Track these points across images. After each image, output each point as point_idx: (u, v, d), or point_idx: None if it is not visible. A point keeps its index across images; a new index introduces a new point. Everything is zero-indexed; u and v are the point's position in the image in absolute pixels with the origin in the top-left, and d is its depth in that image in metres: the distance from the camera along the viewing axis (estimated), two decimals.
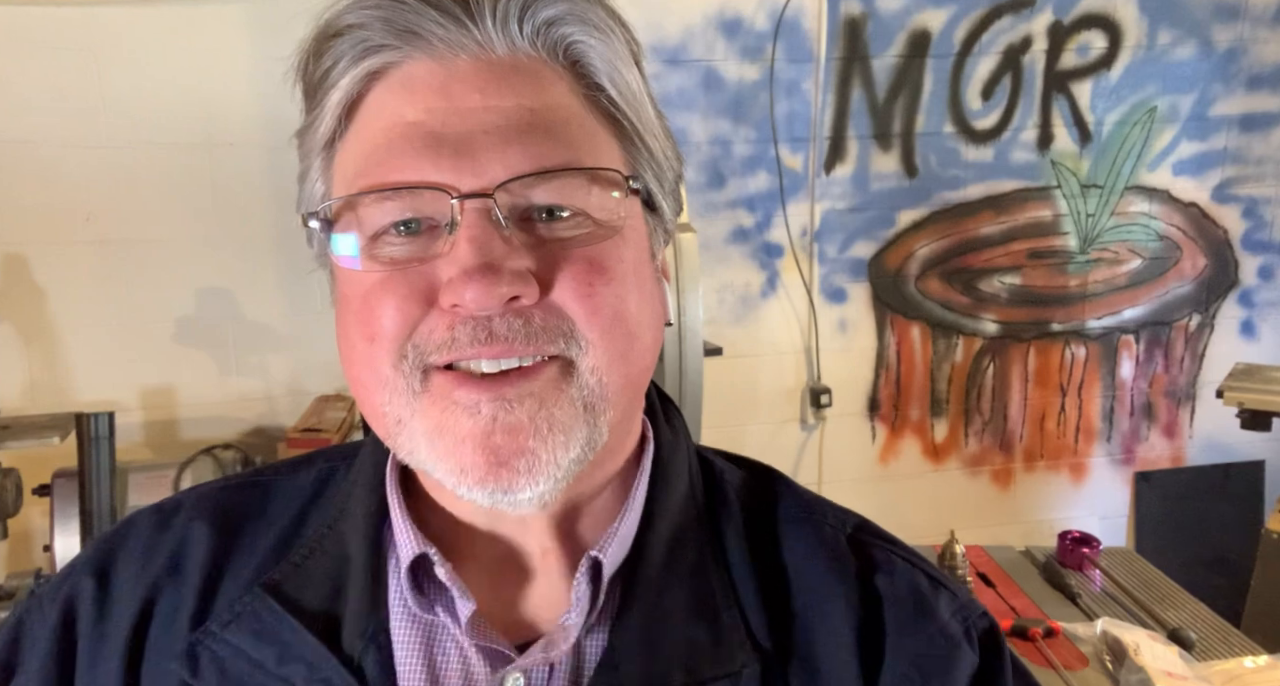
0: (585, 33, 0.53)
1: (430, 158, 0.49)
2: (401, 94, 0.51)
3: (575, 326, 0.50)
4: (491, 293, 0.48)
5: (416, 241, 0.50)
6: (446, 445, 0.50)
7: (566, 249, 0.50)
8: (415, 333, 0.50)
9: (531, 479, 0.50)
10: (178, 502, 0.63)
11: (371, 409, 0.53)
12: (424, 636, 0.56)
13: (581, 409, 0.51)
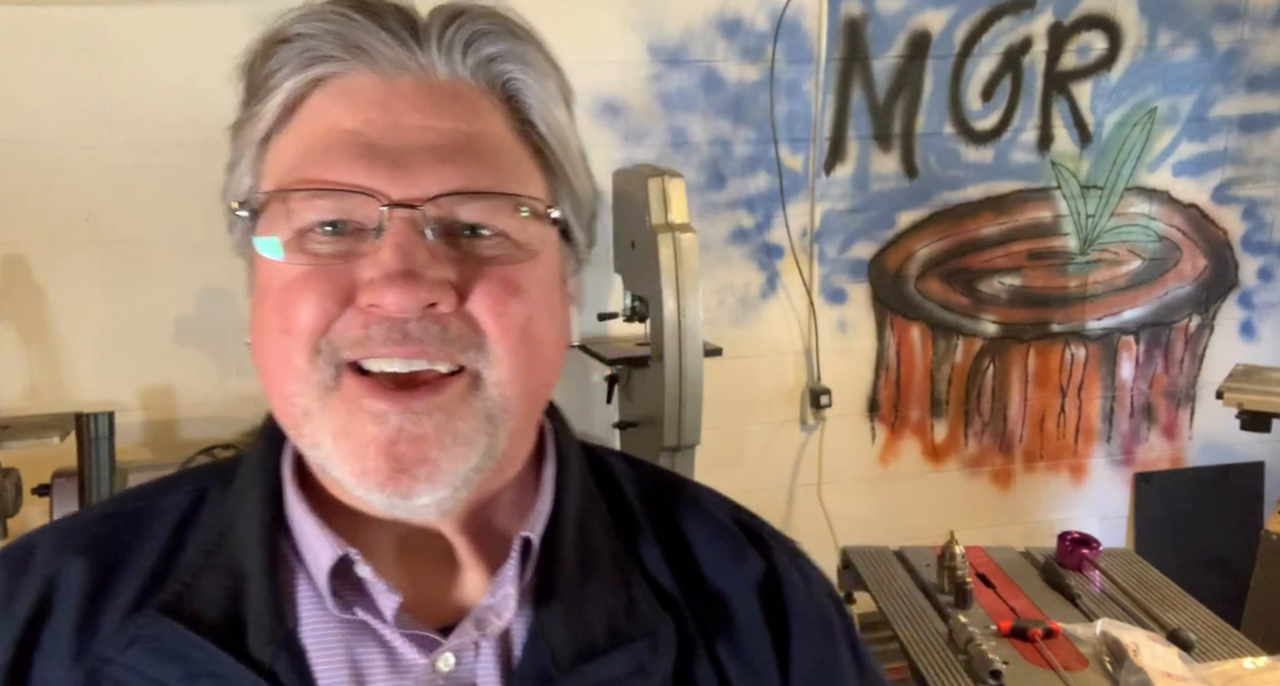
0: (523, 71, 0.57)
1: (365, 165, 0.52)
2: (342, 102, 0.53)
3: (486, 339, 0.53)
4: (411, 297, 0.50)
5: (342, 241, 0.53)
6: (351, 447, 0.52)
7: (485, 266, 0.53)
8: (331, 329, 0.52)
9: (430, 486, 0.52)
10: (29, 544, 0.60)
11: (280, 397, 0.54)
12: (342, 637, 0.57)
13: (484, 421, 0.53)
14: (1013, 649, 1.61)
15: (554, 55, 0.60)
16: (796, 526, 2.83)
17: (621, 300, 2.26)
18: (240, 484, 0.61)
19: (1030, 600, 1.81)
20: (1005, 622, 1.67)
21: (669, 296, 2.04)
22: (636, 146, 2.49)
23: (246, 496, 0.60)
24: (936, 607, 1.80)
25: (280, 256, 0.53)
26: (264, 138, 0.56)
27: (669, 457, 2.15)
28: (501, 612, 0.57)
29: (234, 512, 0.60)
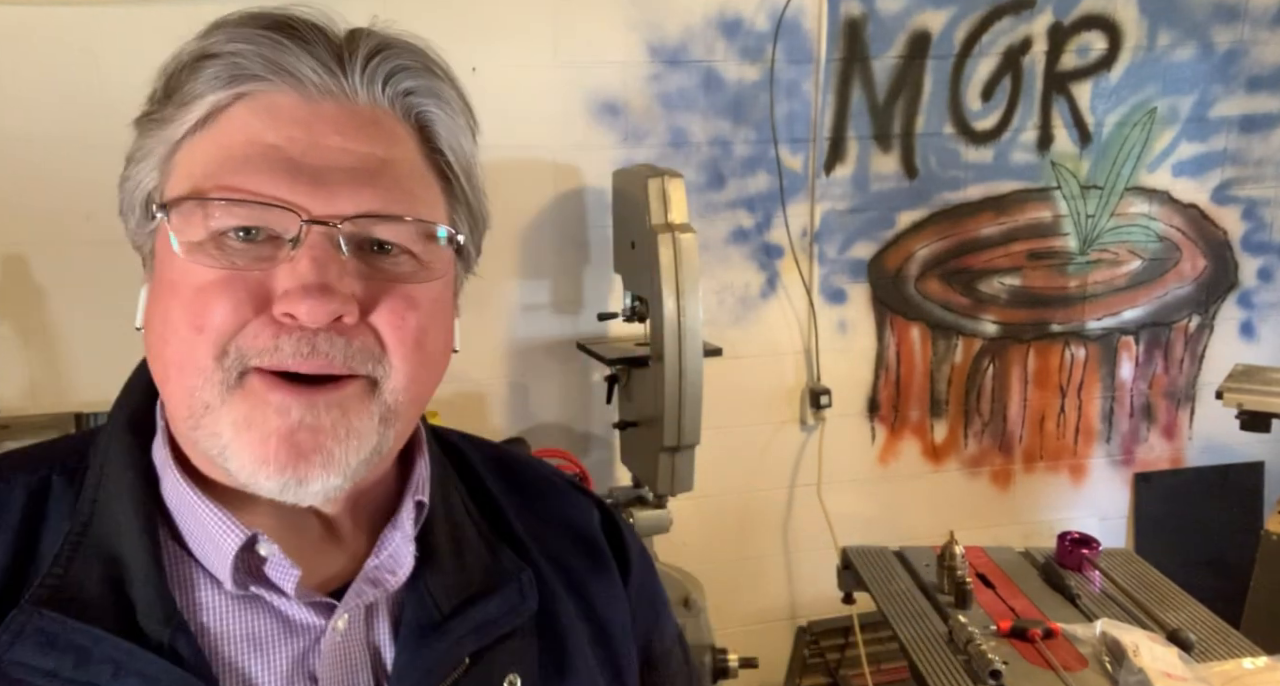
0: (436, 105, 0.62)
1: (288, 180, 0.56)
2: (265, 117, 0.57)
3: (385, 352, 0.58)
4: (323, 309, 0.54)
5: (256, 248, 0.56)
6: (253, 437, 0.55)
7: (389, 282, 0.58)
8: (241, 333, 0.55)
9: (324, 474, 0.56)
10: None
11: (181, 390, 0.57)
12: (237, 612, 0.60)
13: (377, 421, 0.59)
14: (1012, 649, 1.61)
15: (465, 92, 0.65)
16: (796, 526, 2.84)
17: (621, 300, 2.26)
18: (103, 473, 0.62)
19: (1030, 600, 1.81)
20: (1005, 623, 1.67)
21: (669, 296, 2.04)
22: (636, 146, 2.49)
23: (114, 485, 0.61)
24: (936, 607, 1.80)
25: (197, 258, 0.56)
26: (178, 140, 0.59)
27: (669, 457, 2.15)
28: (396, 570, 0.64)
29: (97, 502, 0.61)
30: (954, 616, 1.70)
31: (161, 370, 0.59)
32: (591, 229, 2.51)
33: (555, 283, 2.52)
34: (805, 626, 2.84)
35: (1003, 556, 2.02)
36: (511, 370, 2.52)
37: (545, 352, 2.54)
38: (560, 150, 2.45)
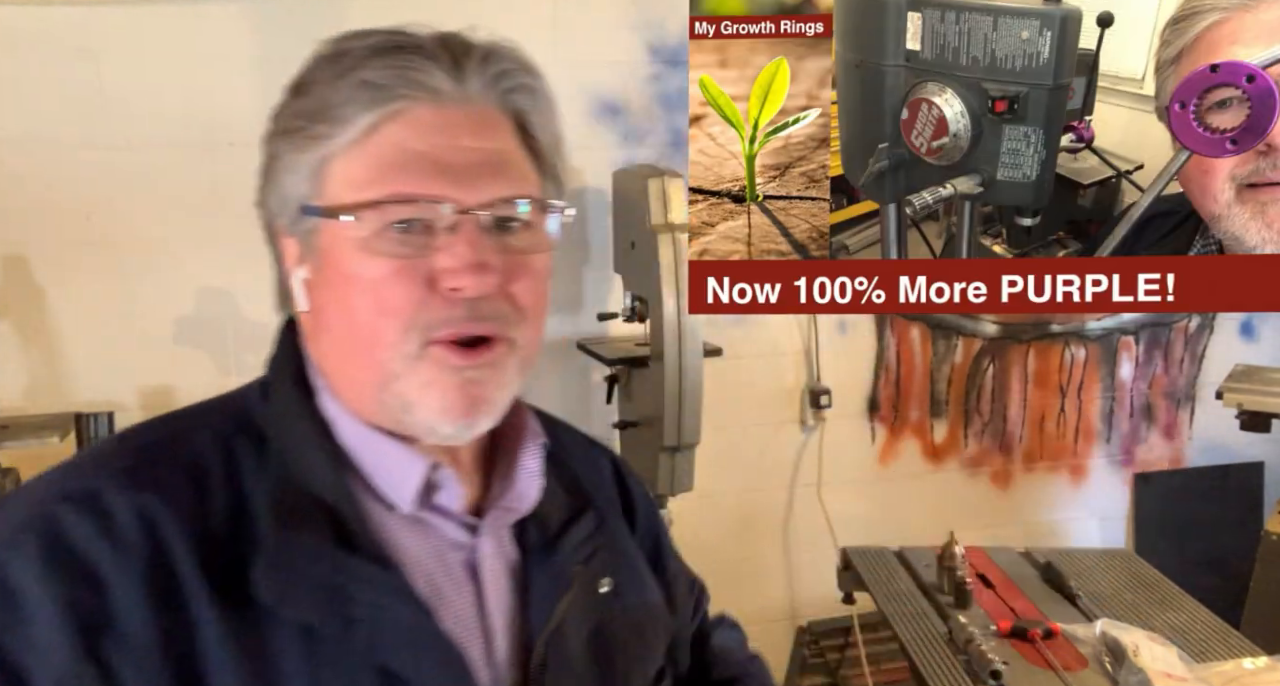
0: (532, 100, 0.74)
1: (439, 179, 0.68)
2: (410, 130, 0.69)
3: (522, 314, 0.72)
4: (486, 281, 0.68)
5: (414, 238, 0.68)
6: (437, 391, 0.69)
7: (518, 256, 0.71)
8: (420, 310, 0.68)
9: (488, 417, 0.71)
10: (90, 489, 0.66)
11: (369, 361, 0.69)
12: (412, 530, 0.73)
13: (516, 372, 0.73)
14: (1012, 649, 1.61)
15: (547, 83, 0.76)
16: (796, 526, 2.84)
17: (621, 300, 2.26)
18: (284, 426, 0.73)
19: (1030, 600, 1.81)
20: (1005, 623, 1.67)
21: (669, 296, 2.04)
22: (636, 146, 2.49)
23: (298, 436, 0.72)
24: (936, 608, 1.80)
25: (367, 251, 0.68)
26: (333, 154, 0.69)
27: (669, 457, 2.15)
28: (524, 499, 0.77)
29: (287, 450, 0.72)
30: (954, 616, 1.70)
31: (348, 347, 0.71)
32: (591, 229, 2.51)
33: (555, 283, 2.50)
34: (805, 626, 2.84)
35: (1003, 556, 2.02)
36: None
37: (545, 353, 2.51)
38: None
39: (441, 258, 0.68)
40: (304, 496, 0.70)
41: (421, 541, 0.74)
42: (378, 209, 0.68)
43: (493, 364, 0.70)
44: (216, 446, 0.71)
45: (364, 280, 0.68)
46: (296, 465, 0.71)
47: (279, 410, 0.74)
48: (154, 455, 0.70)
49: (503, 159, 0.71)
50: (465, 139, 0.70)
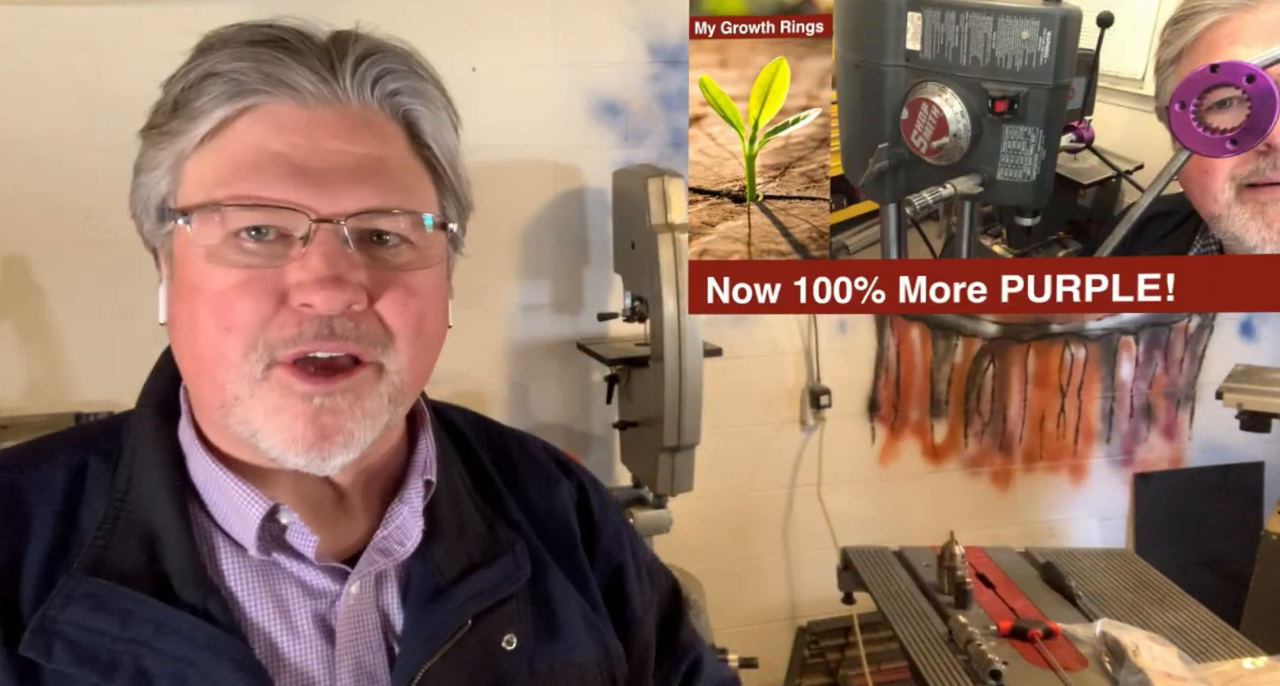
0: (421, 104, 0.67)
1: (294, 183, 0.61)
2: (268, 127, 0.62)
3: (391, 336, 0.64)
4: (337, 298, 0.61)
5: (268, 247, 0.62)
6: (282, 421, 0.62)
7: (391, 272, 0.64)
8: (266, 327, 0.61)
9: (344, 450, 0.63)
10: None
11: (211, 384, 0.63)
12: (261, 577, 0.67)
13: (386, 401, 0.65)
14: (1012, 649, 1.61)
15: (446, 90, 0.71)
16: (796, 526, 2.84)
17: (621, 300, 2.26)
18: (136, 455, 0.68)
19: (1030, 600, 1.81)
20: (1005, 623, 1.67)
21: (669, 296, 2.04)
22: (636, 146, 2.49)
23: (146, 465, 0.67)
24: (936, 608, 1.80)
25: (217, 261, 0.62)
26: (187, 151, 0.64)
27: (669, 457, 2.15)
28: (404, 541, 0.70)
29: (131, 481, 0.67)
30: (954, 616, 1.70)
31: (192, 365, 0.65)
32: (591, 229, 2.51)
33: (555, 283, 2.52)
34: (805, 626, 2.84)
35: (1003, 556, 2.02)
36: (511, 370, 2.52)
37: (545, 353, 2.54)
38: (560, 150, 2.45)
39: (294, 270, 0.61)
40: (134, 535, 0.64)
41: (267, 592, 0.66)
42: (218, 212, 0.61)
43: (351, 390, 0.63)
44: (68, 471, 0.67)
45: (209, 292, 0.62)
46: (137, 499, 0.66)
47: (135, 436, 0.69)
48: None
49: (376, 167, 0.64)
50: (331, 142, 0.63)
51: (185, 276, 0.65)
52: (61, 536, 0.64)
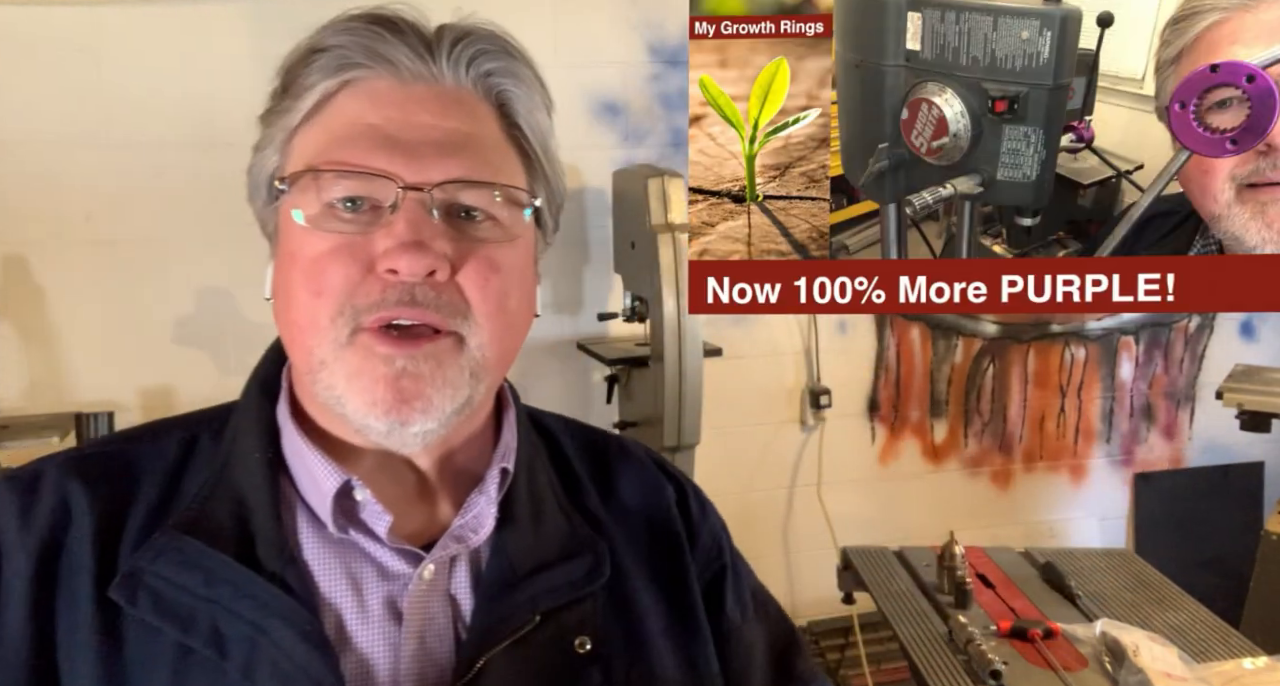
0: (514, 84, 0.69)
1: (385, 153, 0.63)
2: (365, 101, 0.65)
3: (470, 309, 0.65)
4: (419, 262, 0.62)
5: (360, 217, 0.64)
6: (364, 383, 0.63)
7: (474, 246, 0.65)
8: (354, 292, 0.63)
9: (424, 417, 0.64)
10: (37, 470, 0.68)
11: (301, 347, 0.65)
12: (338, 554, 0.67)
13: (467, 374, 0.65)
14: (1012, 649, 1.60)
15: (540, 72, 0.72)
16: (796, 526, 2.84)
17: (621, 300, 2.26)
18: (237, 431, 0.70)
19: (1030, 600, 1.80)
20: (1005, 623, 1.67)
21: (669, 296, 2.04)
22: (636, 146, 2.49)
23: (244, 438, 0.69)
24: (936, 608, 1.80)
25: (312, 228, 0.64)
26: (295, 127, 0.67)
27: (669, 457, 2.15)
28: (478, 529, 0.70)
29: (231, 453, 0.69)
30: (954, 616, 1.70)
31: (286, 331, 0.67)
32: (591, 229, 2.51)
33: (555, 283, 2.52)
34: (805, 626, 2.84)
35: (1003, 556, 2.02)
36: (511, 370, 2.52)
37: (545, 353, 2.54)
38: (560, 150, 2.45)
39: (381, 237, 0.63)
40: (227, 501, 0.67)
41: (342, 569, 0.67)
42: (315, 178, 0.64)
43: (433, 357, 0.64)
44: (180, 444, 0.70)
45: (304, 259, 0.64)
46: (233, 469, 0.68)
47: (238, 412, 0.72)
48: (109, 447, 0.71)
49: (465, 141, 0.66)
50: (423, 116, 0.65)
51: (285, 246, 0.67)
52: (164, 500, 0.67)
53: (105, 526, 0.65)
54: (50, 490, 0.66)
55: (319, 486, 0.67)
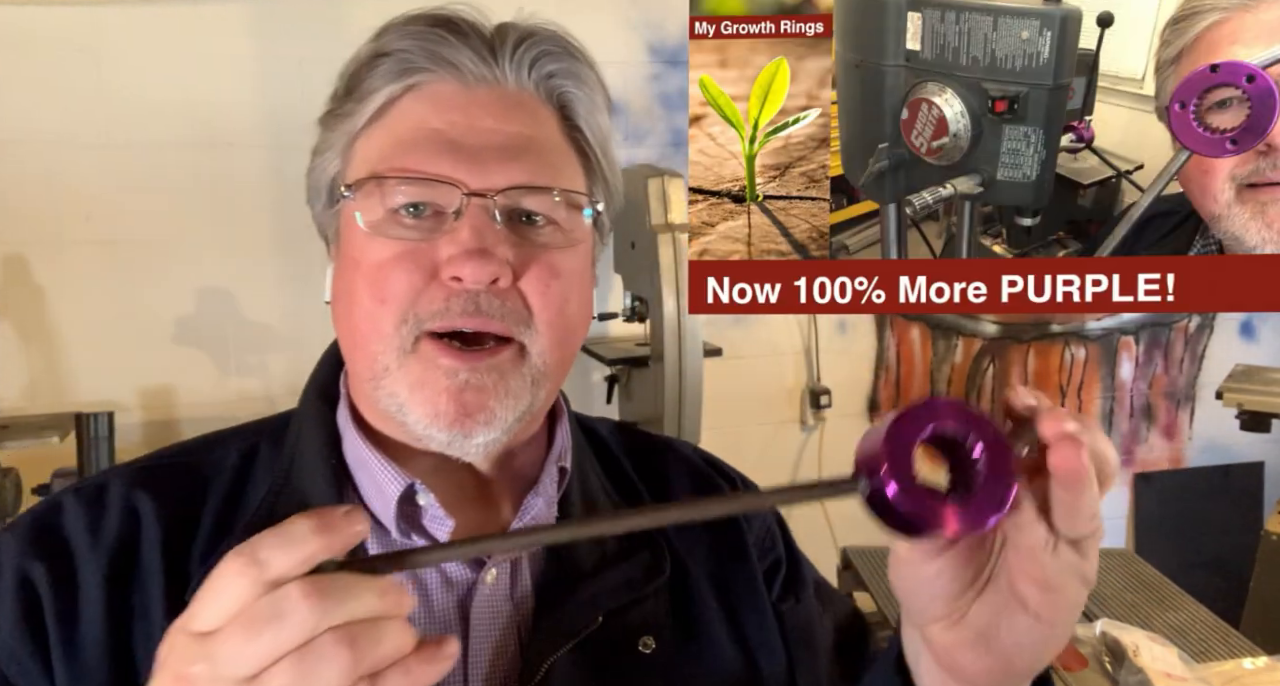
0: (576, 86, 0.69)
1: (449, 159, 0.63)
2: (429, 106, 0.65)
3: (532, 316, 0.65)
4: (484, 270, 0.61)
5: (423, 223, 0.64)
6: (427, 394, 0.63)
7: (536, 251, 0.65)
8: (417, 300, 0.63)
9: (487, 428, 0.64)
10: (101, 482, 0.68)
11: (364, 354, 0.65)
12: None
13: (529, 383, 0.65)
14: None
15: (600, 74, 0.72)
16: (796, 526, 2.81)
17: (621, 300, 2.26)
18: (298, 435, 0.71)
19: None
20: None
21: (669, 296, 2.04)
22: (636, 146, 2.49)
23: (307, 445, 0.69)
24: None
25: (376, 234, 0.64)
26: (357, 131, 0.66)
27: None
28: None
29: (294, 459, 0.69)
30: None
31: (349, 337, 0.67)
32: None
33: None
34: None
35: None
36: None
37: None
38: None
39: (445, 243, 0.63)
40: (293, 507, 0.65)
41: (408, 575, 0.66)
42: (379, 184, 0.63)
43: (496, 369, 0.64)
44: (240, 453, 0.71)
45: (367, 265, 0.64)
46: (297, 476, 0.68)
47: (298, 419, 0.72)
48: (173, 458, 0.71)
49: (529, 145, 0.65)
50: (487, 120, 0.65)
51: (347, 252, 0.66)
52: (229, 508, 0.67)
53: (174, 535, 0.65)
54: (117, 501, 0.67)
55: (382, 491, 0.67)
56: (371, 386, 0.65)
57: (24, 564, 0.64)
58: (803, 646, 0.77)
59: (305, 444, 0.70)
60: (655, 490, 0.79)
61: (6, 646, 0.62)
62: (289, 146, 2.32)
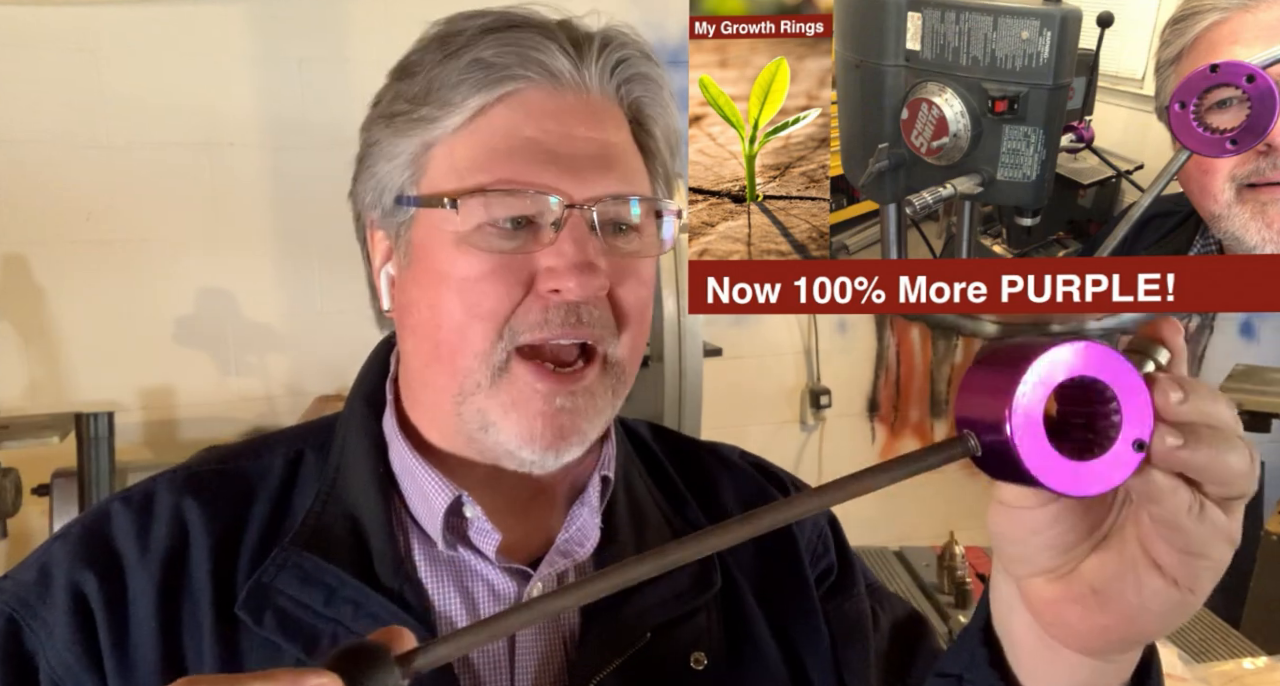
0: (652, 89, 0.68)
1: (551, 170, 0.61)
2: (522, 113, 0.62)
3: (620, 324, 0.64)
4: (591, 284, 0.61)
5: (520, 235, 0.62)
6: (522, 417, 0.62)
7: (624, 259, 0.64)
8: (513, 314, 0.61)
9: (577, 448, 0.64)
10: (149, 490, 0.68)
11: (450, 368, 0.63)
12: (451, 570, 0.66)
13: (611, 394, 0.66)
14: None
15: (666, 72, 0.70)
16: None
17: None
18: (345, 446, 0.69)
19: None
20: None
21: (669, 296, 2.04)
22: None
23: (353, 453, 0.68)
24: (936, 607, 1.80)
25: (463, 247, 0.61)
26: (435, 139, 0.64)
27: None
28: (584, 542, 0.68)
29: (340, 468, 0.68)
30: (954, 616, 1.70)
31: (429, 350, 0.64)
32: None
33: None
34: None
35: None
36: None
37: None
38: None
39: (545, 256, 0.61)
40: (340, 517, 0.66)
41: (456, 588, 0.65)
42: (482, 197, 0.61)
43: (588, 390, 0.63)
44: (285, 460, 0.70)
45: (457, 278, 0.62)
46: (344, 484, 0.67)
47: (344, 426, 0.71)
48: (219, 466, 0.70)
49: (614, 153, 0.64)
50: (579, 128, 0.63)
51: (429, 263, 0.64)
52: (276, 516, 0.67)
53: (222, 543, 0.65)
54: (165, 509, 0.66)
55: (429, 502, 0.66)
56: (456, 400, 0.64)
57: (76, 576, 0.63)
58: (849, 647, 0.74)
59: (351, 452, 0.69)
60: (703, 498, 0.77)
61: (63, 661, 0.62)
62: (289, 146, 2.32)
